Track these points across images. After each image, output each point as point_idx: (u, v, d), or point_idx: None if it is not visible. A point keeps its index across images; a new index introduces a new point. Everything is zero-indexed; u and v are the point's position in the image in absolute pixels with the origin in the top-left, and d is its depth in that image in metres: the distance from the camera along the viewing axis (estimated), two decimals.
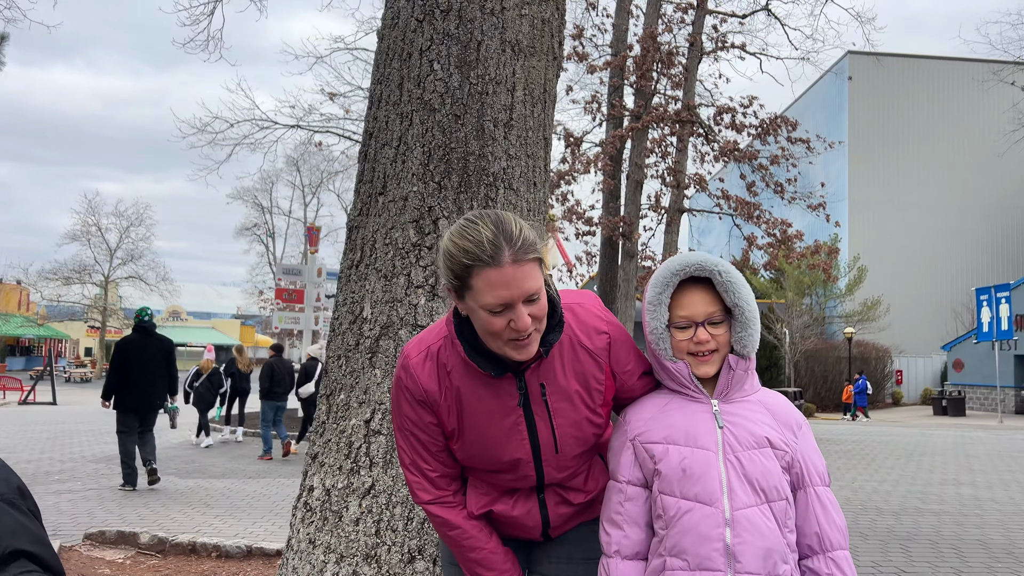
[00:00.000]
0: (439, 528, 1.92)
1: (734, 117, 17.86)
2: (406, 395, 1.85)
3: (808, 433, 1.80)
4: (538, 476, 1.88)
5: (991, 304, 26.06)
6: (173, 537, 5.95)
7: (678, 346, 1.78)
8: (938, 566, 5.83)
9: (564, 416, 1.82)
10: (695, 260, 1.76)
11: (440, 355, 1.82)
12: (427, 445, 1.88)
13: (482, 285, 1.62)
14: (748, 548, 1.65)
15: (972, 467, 12.15)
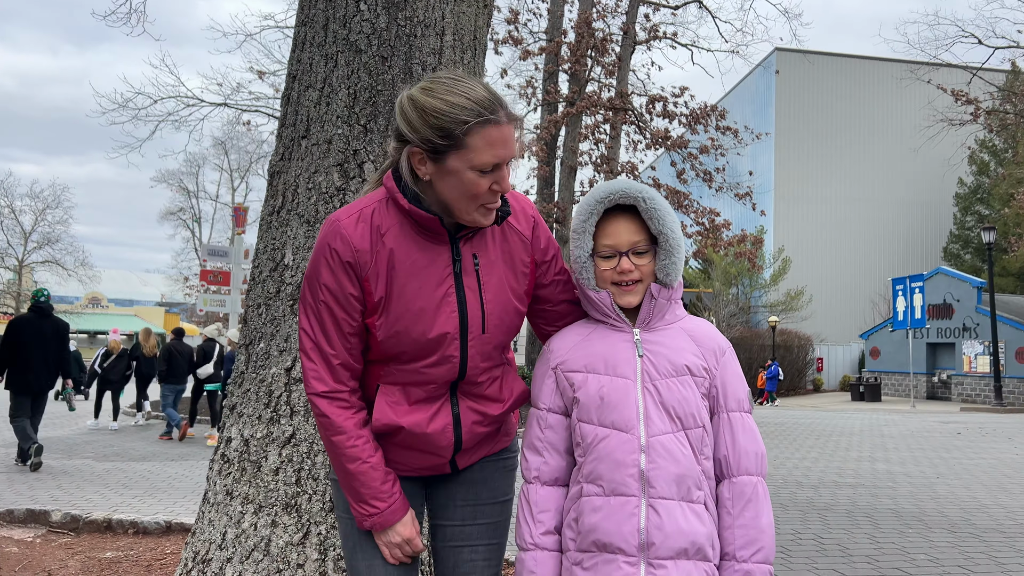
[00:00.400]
0: (324, 431, 1.75)
1: (665, 106, 18.13)
2: (331, 260, 1.69)
3: (731, 360, 1.80)
4: (462, 360, 1.76)
5: (906, 294, 27.14)
6: (87, 515, 5.72)
7: (602, 275, 1.77)
8: (853, 532, 6.04)
9: (493, 292, 1.76)
10: (620, 187, 1.74)
11: (374, 217, 1.71)
12: (339, 323, 1.71)
13: (482, 143, 1.58)
14: (662, 474, 1.66)
15: (886, 446, 12.65)
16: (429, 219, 1.67)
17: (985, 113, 25.17)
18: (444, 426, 1.80)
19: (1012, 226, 32.75)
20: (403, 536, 1.77)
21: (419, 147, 1.61)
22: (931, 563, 5.10)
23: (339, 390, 1.74)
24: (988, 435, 14.48)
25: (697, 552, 1.65)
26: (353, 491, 1.75)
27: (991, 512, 6.92)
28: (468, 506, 1.90)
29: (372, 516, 1.75)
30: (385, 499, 1.74)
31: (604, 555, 1.65)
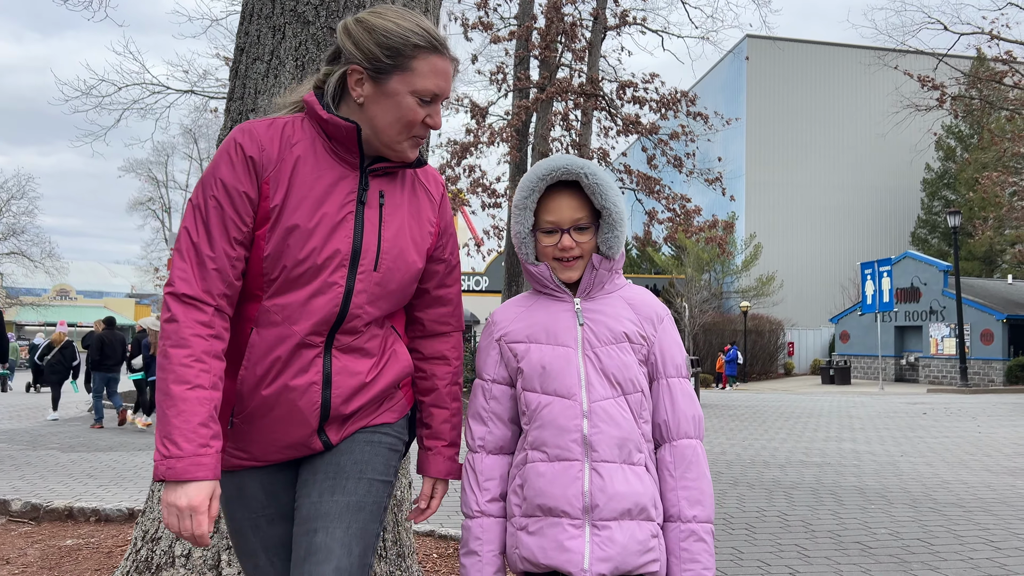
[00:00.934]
0: (164, 339, 1.50)
1: (636, 92, 18.15)
2: (233, 154, 1.57)
3: (669, 327, 1.83)
4: (346, 291, 1.62)
5: (874, 278, 27.51)
6: (47, 503, 5.63)
7: (543, 251, 1.79)
8: (817, 509, 6.13)
9: (393, 233, 1.67)
10: (561, 163, 1.74)
11: (286, 128, 1.62)
12: (226, 224, 1.55)
13: (427, 69, 1.58)
14: (603, 438, 1.69)
15: (853, 426, 12.85)
16: (347, 128, 1.59)
17: (951, 99, 25.52)
18: (310, 384, 1.61)
19: (977, 210, 33.29)
20: (191, 501, 1.44)
21: (361, 65, 1.57)
22: (892, 537, 5.19)
23: (204, 300, 1.53)
24: (953, 415, 14.75)
25: (640, 512, 1.69)
26: (164, 423, 1.46)
27: (952, 488, 7.05)
28: (328, 479, 1.66)
29: (168, 460, 1.44)
30: (194, 443, 1.45)
31: (549, 519, 1.69)
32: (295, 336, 1.59)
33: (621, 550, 1.65)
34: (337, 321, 1.61)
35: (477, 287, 32.88)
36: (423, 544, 4.55)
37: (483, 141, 18.22)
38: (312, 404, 1.61)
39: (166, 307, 1.53)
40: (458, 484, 1.87)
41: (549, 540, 1.67)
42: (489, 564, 1.76)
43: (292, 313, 1.58)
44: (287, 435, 1.64)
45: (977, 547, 4.92)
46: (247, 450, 1.68)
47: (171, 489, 1.45)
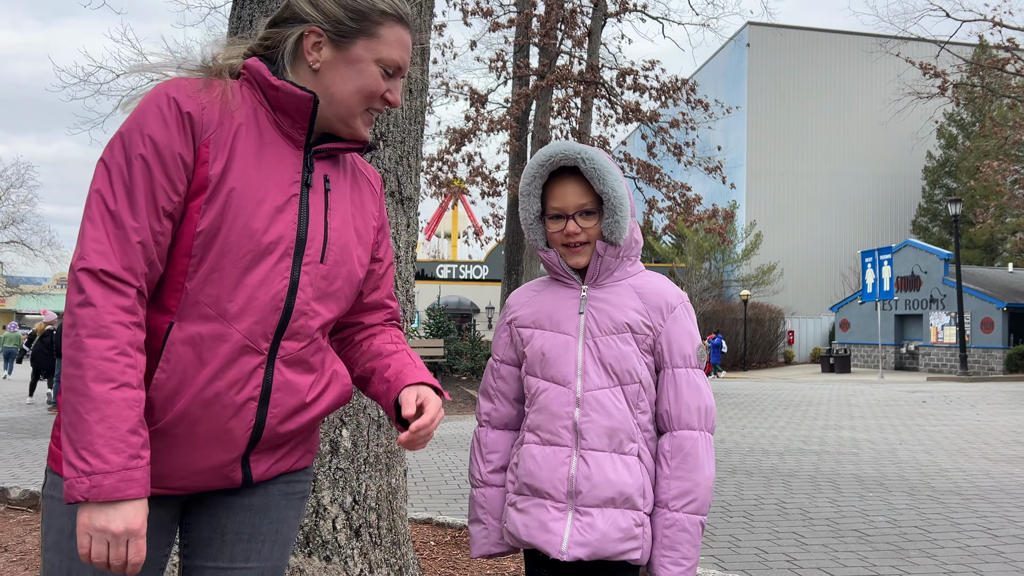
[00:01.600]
0: (77, 328, 1.22)
1: (636, 79, 18.07)
2: (166, 109, 1.32)
3: (681, 315, 1.80)
4: (291, 284, 1.39)
5: (875, 266, 27.47)
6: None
7: (551, 237, 1.82)
8: (815, 497, 6.13)
9: (339, 223, 1.49)
10: (560, 149, 1.76)
11: (225, 92, 1.39)
12: (155, 190, 1.29)
13: (393, 38, 1.45)
14: (593, 427, 1.73)
15: (852, 415, 12.86)
16: (302, 98, 1.39)
17: (953, 86, 25.41)
18: (247, 400, 1.36)
19: (979, 199, 33.22)
20: (129, 524, 1.21)
21: (320, 27, 1.41)
22: (889, 525, 5.19)
23: (126, 279, 1.26)
24: (952, 403, 14.76)
25: (625, 501, 1.72)
26: (82, 431, 1.19)
27: (950, 476, 7.06)
28: (241, 542, 1.46)
29: (93, 476, 1.18)
30: (123, 455, 1.20)
31: (536, 499, 1.75)
32: (235, 337, 1.33)
33: (600, 537, 1.69)
34: (282, 322, 1.38)
35: (477, 276, 32.86)
36: (420, 532, 4.55)
37: (482, 129, 18.16)
38: (245, 424, 1.36)
39: (77, 287, 1.24)
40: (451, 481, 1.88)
41: (532, 519, 1.74)
42: (495, 530, 1.85)
43: (229, 307, 1.33)
44: (205, 458, 1.37)
45: (975, 535, 4.92)
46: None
47: (98, 512, 1.19)
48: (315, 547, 2.53)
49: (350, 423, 2.65)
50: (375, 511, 2.70)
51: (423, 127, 2.96)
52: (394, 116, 2.75)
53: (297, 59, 1.44)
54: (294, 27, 1.43)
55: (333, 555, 2.55)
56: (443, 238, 45.75)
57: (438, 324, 22.23)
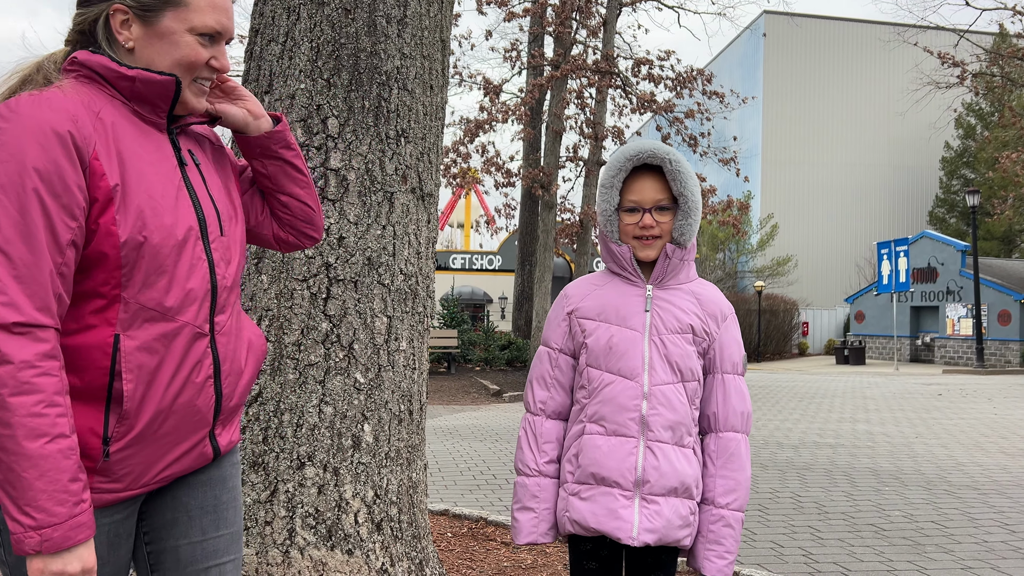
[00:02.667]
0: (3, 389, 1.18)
1: (651, 69, 17.97)
2: (41, 136, 1.23)
3: (732, 325, 1.95)
4: (209, 264, 1.44)
5: (891, 258, 27.27)
6: None
7: (625, 229, 1.90)
8: (830, 490, 6.12)
9: (217, 191, 1.51)
10: (648, 147, 1.86)
11: (81, 95, 1.34)
12: (52, 223, 1.23)
13: (203, 3, 1.39)
14: (659, 419, 1.84)
15: (867, 407, 12.80)
16: (164, 82, 1.37)
17: (972, 76, 25.11)
18: (206, 379, 1.43)
19: (997, 190, 32.88)
20: (84, 565, 1.24)
21: (124, 4, 1.36)
22: (906, 519, 5.18)
23: (41, 322, 1.22)
24: (968, 396, 14.67)
25: (685, 491, 1.85)
26: (22, 488, 1.18)
27: (967, 470, 7.03)
28: (207, 514, 1.53)
29: (42, 530, 1.19)
30: (67, 504, 1.21)
31: (602, 488, 1.84)
32: (185, 328, 1.38)
33: (666, 523, 1.82)
34: (212, 300, 1.44)
35: (490, 266, 32.87)
36: (437, 523, 4.58)
37: (496, 119, 18.13)
38: (208, 401, 1.44)
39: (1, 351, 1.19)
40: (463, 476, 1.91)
41: (601, 507, 1.82)
42: (544, 521, 1.92)
43: (171, 304, 1.36)
44: (181, 443, 1.42)
45: (992, 530, 4.91)
46: (122, 478, 1.38)
47: (52, 559, 1.21)
48: (337, 540, 2.56)
49: (371, 418, 2.67)
50: (396, 505, 2.73)
51: (443, 123, 2.97)
52: (415, 112, 2.76)
53: (111, 39, 1.39)
54: (98, 6, 1.38)
55: (355, 548, 2.58)
56: (456, 228, 45.75)
57: (452, 314, 22.27)
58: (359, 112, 2.64)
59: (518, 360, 19.98)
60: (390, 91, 2.68)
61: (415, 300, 2.83)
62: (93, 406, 1.32)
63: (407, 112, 2.73)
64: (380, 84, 2.66)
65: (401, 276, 2.76)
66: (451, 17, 2.92)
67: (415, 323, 2.84)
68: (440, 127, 2.92)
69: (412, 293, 2.81)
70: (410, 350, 2.81)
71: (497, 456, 7.69)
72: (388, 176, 2.70)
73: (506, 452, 7.95)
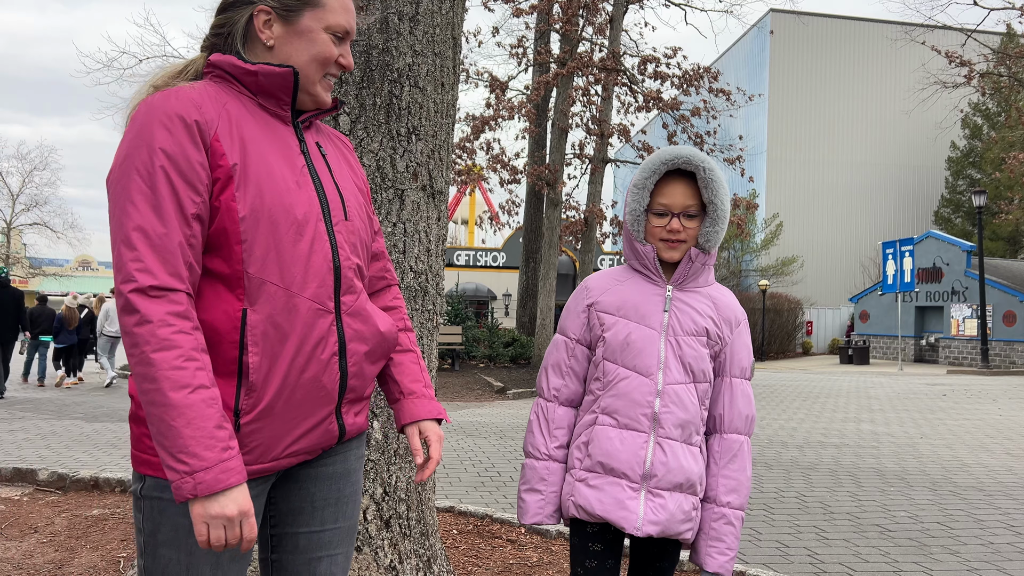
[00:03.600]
0: (139, 347, 1.29)
1: (657, 67, 17.94)
2: (169, 122, 1.37)
3: (744, 331, 2.00)
4: (332, 244, 1.51)
5: (896, 257, 27.20)
6: (74, 473, 5.74)
7: (652, 231, 1.93)
8: (835, 491, 6.12)
9: (344, 181, 1.61)
10: (685, 153, 1.89)
11: (208, 89, 1.48)
12: (180, 199, 1.36)
13: (337, 5, 1.53)
14: (671, 417, 1.89)
15: (872, 407, 12.77)
16: (283, 74, 1.48)
17: (979, 76, 25.02)
18: (331, 355, 1.49)
19: (1003, 190, 32.77)
20: (241, 507, 1.32)
21: (267, 5, 1.49)
22: (911, 520, 5.18)
23: (174, 286, 1.33)
24: (973, 397, 14.64)
25: (689, 487, 1.91)
26: (173, 437, 1.28)
27: (972, 471, 7.02)
28: (330, 507, 1.61)
29: (195, 474, 1.28)
30: (215, 449, 1.29)
31: (610, 477, 1.89)
32: (306, 304, 1.45)
33: (669, 517, 1.87)
34: (336, 280, 1.50)
35: (494, 263, 32.87)
36: (442, 520, 4.59)
37: (502, 116, 18.12)
38: (333, 377, 1.49)
39: (130, 308, 1.30)
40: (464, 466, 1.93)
41: (608, 496, 1.88)
42: (550, 503, 1.97)
43: (292, 279, 1.43)
44: (308, 418, 1.48)
45: (997, 532, 4.90)
46: (252, 451, 1.45)
47: (211, 502, 1.29)
48: None
49: (381, 415, 2.68)
50: (404, 502, 2.73)
51: (454, 120, 2.97)
52: (426, 110, 2.76)
53: (250, 40, 1.52)
54: (243, 9, 1.51)
55: (364, 545, 2.58)
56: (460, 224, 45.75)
57: (456, 311, 22.27)
58: (371, 109, 2.64)
59: (522, 357, 19.98)
60: (401, 88, 2.68)
61: (425, 297, 2.83)
62: (226, 380, 1.40)
63: (418, 109, 2.73)
64: (392, 81, 2.66)
65: (411, 273, 2.76)
66: (463, 15, 2.91)
67: (424, 320, 2.84)
68: (451, 124, 2.92)
69: (422, 290, 2.81)
70: (420, 347, 2.81)
71: (501, 453, 7.69)
72: (399, 173, 2.70)
73: (511, 449, 7.96)
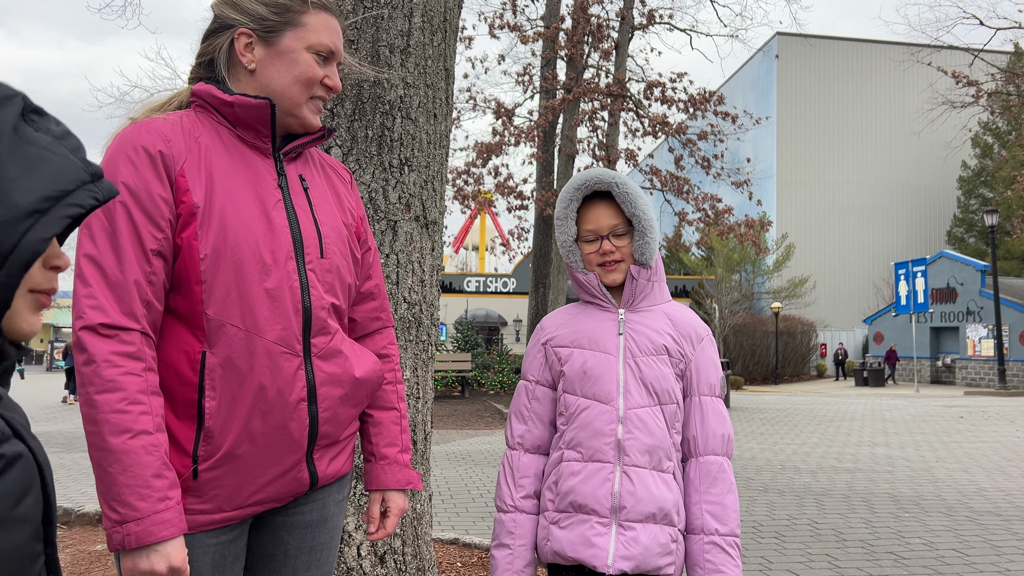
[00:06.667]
0: (86, 386, 1.25)
1: (664, 91, 18.00)
2: (134, 155, 1.34)
3: (708, 346, 1.92)
4: (302, 282, 1.44)
5: (908, 278, 27.03)
6: (79, 508, 5.71)
7: (587, 259, 1.89)
8: (849, 517, 6.01)
9: (325, 216, 1.53)
10: (594, 175, 1.86)
11: (184, 121, 1.43)
12: (139, 233, 1.31)
13: (320, 24, 1.49)
14: (636, 444, 1.79)
15: (887, 431, 12.61)
16: (258, 105, 1.43)
17: (987, 95, 24.98)
18: (298, 401, 1.42)
19: (1016, 208, 32.57)
20: (171, 563, 1.24)
21: (248, 28, 1.46)
22: (926, 547, 5.07)
23: (126, 325, 1.28)
24: (990, 418, 14.44)
25: (664, 517, 1.79)
26: (108, 483, 1.22)
27: (989, 496, 6.89)
28: (303, 555, 1.56)
29: (125, 524, 1.21)
30: (150, 500, 1.22)
31: (579, 515, 1.79)
32: (268, 347, 1.38)
33: (643, 551, 1.76)
34: (305, 321, 1.44)
35: (504, 289, 32.87)
36: (447, 553, 4.53)
37: (509, 143, 18.20)
38: (301, 423, 1.42)
39: (80, 346, 1.26)
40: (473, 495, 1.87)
41: (577, 535, 1.78)
42: (520, 558, 1.87)
43: (255, 321, 1.37)
44: (273, 465, 1.41)
45: (1015, 559, 4.79)
46: (212, 499, 1.38)
47: (140, 556, 1.23)
48: (340, 574, 2.52)
49: None
50: (400, 537, 2.69)
51: (447, 151, 2.97)
52: (419, 141, 2.76)
53: (233, 64, 1.49)
54: (224, 34, 1.49)
55: None
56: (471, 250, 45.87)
57: (466, 337, 22.24)
58: (362, 141, 2.64)
59: None
60: (393, 120, 2.68)
61: (419, 328, 2.81)
62: (186, 424, 1.35)
63: (411, 141, 2.73)
64: (383, 113, 2.66)
65: (404, 304, 2.74)
66: (455, 47, 2.92)
67: (419, 352, 2.81)
68: (444, 155, 2.92)
69: (416, 321, 2.79)
70: (414, 379, 2.78)
71: None
72: (391, 204, 2.69)
73: None
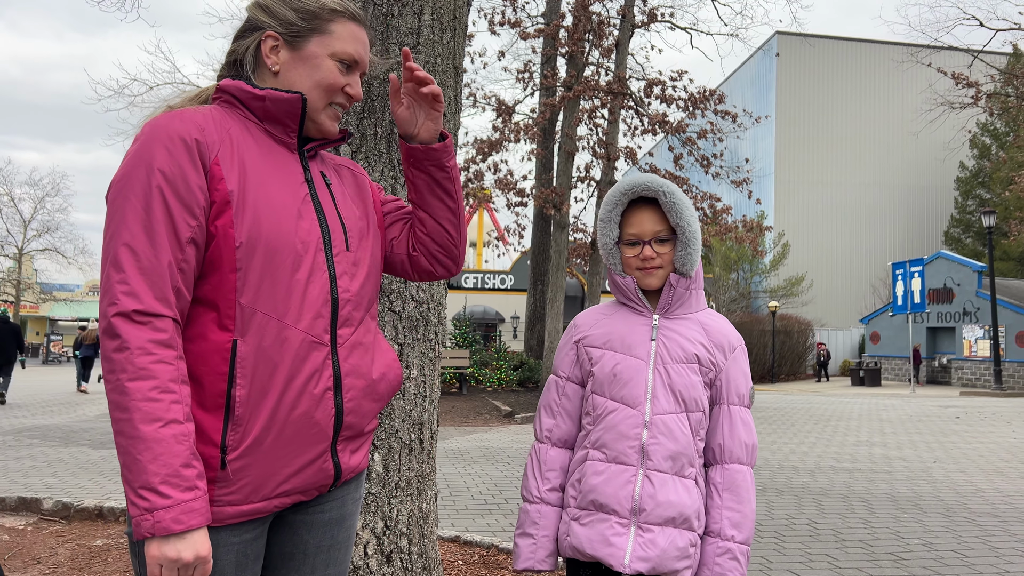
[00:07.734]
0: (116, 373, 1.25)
1: (664, 90, 17.99)
2: (169, 143, 1.35)
3: (740, 357, 1.95)
4: (330, 274, 1.48)
5: (905, 278, 27.05)
6: (78, 502, 5.71)
7: (627, 262, 1.92)
8: (847, 517, 6.03)
9: (349, 211, 1.58)
10: (643, 181, 1.88)
11: (214, 113, 1.46)
12: (174, 220, 1.32)
13: (346, 33, 1.52)
14: (660, 449, 1.83)
15: (884, 430, 12.64)
16: (290, 99, 1.47)
17: (986, 96, 25.01)
18: (324, 391, 1.44)
19: (1013, 210, 32.64)
20: (198, 553, 1.26)
21: (275, 31, 1.50)
22: (925, 548, 5.08)
23: (159, 312, 1.29)
24: (987, 419, 14.47)
25: (684, 522, 1.83)
26: (137, 471, 1.23)
27: (987, 496, 6.91)
28: (322, 553, 1.57)
29: (155, 512, 1.22)
30: (180, 488, 1.24)
31: (600, 514, 1.83)
32: (299, 336, 1.40)
33: (660, 553, 1.79)
34: (334, 312, 1.47)
35: (502, 285, 32.86)
36: (448, 551, 4.54)
37: (509, 139, 18.18)
38: (327, 413, 1.44)
39: (112, 333, 1.26)
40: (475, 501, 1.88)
41: (596, 533, 1.82)
42: (542, 548, 1.91)
43: (286, 310, 1.39)
44: (299, 455, 1.42)
45: (1013, 560, 4.81)
46: (239, 489, 1.38)
47: (167, 543, 1.23)
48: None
49: (382, 447, 2.64)
50: (406, 536, 2.69)
51: (456, 149, 2.96)
52: None
53: (258, 65, 1.53)
54: (253, 35, 1.53)
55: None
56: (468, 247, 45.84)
57: (463, 334, 22.23)
58: (372, 139, 2.64)
59: (530, 380, 19.90)
60: None
61: (426, 327, 2.81)
62: (214, 414, 1.35)
63: None
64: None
65: (412, 303, 2.74)
66: (464, 45, 2.92)
67: (426, 350, 2.81)
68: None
69: (423, 320, 2.79)
70: (421, 378, 2.78)
71: (509, 480, 7.62)
72: None
73: (518, 476, 7.89)
